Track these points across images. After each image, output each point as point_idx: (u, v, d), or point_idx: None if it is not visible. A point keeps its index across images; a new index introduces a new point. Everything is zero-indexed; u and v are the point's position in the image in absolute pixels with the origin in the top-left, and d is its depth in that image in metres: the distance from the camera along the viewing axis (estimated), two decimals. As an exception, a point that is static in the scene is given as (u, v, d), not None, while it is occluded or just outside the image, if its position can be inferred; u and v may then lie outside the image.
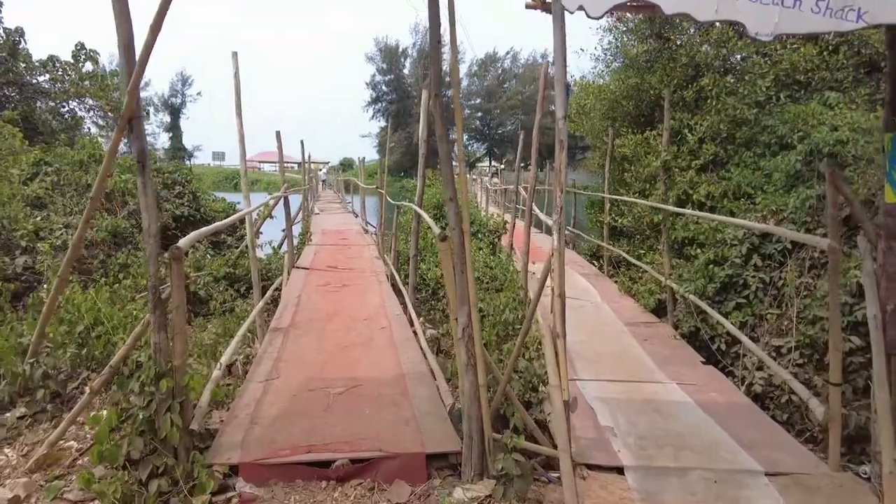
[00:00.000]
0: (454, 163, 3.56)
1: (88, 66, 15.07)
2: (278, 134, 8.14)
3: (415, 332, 5.56)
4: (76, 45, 15.03)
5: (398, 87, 64.06)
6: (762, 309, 4.82)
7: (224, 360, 3.64)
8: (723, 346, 4.91)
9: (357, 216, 19.57)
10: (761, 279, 4.88)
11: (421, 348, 4.87)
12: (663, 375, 4.31)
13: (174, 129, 62.02)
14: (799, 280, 4.58)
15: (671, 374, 4.33)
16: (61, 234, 6.27)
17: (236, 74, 5.27)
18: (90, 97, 14.89)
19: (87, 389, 2.95)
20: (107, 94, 14.97)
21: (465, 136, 72.09)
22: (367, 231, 14.24)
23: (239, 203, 11.74)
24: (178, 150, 61.79)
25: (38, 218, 6.50)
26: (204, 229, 3.31)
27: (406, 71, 64.69)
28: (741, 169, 6.75)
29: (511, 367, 3.20)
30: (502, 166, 47.27)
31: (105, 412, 2.88)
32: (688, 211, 5.63)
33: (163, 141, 64.77)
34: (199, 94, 64.31)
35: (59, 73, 14.96)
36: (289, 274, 8.17)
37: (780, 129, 6.42)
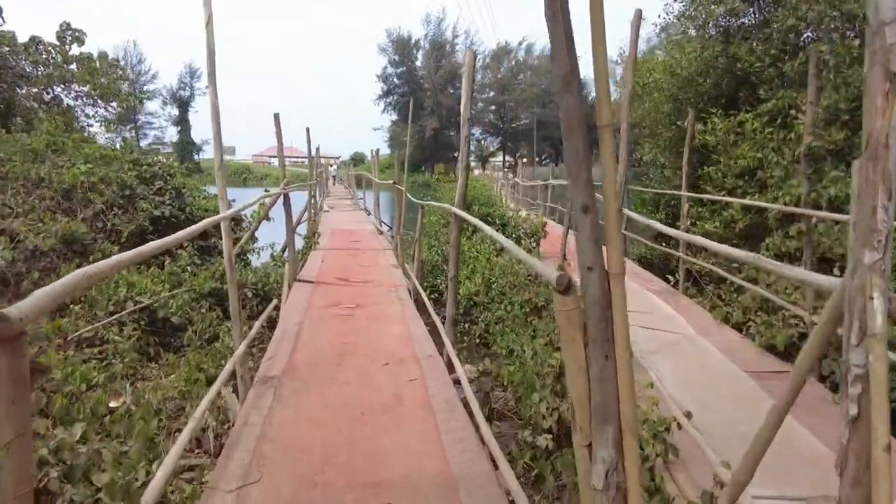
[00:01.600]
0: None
1: (75, 50, 13.68)
2: (276, 117, 6.62)
3: (456, 383, 4.03)
4: (61, 25, 13.60)
5: (410, 79, 62.48)
6: None
7: (152, 495, 2.09)
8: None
9: (370, 213, 18.08)
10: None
11: (474, 423, 3.31)
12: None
13: (182, 122, 60.96)
14: None
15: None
16: (-9, 242, 4.80)
17: (209, 24, 3.74)
18: (76, 82, 13.45)
19: None
20: (94, 78, 13.54)
21: (478, 131, 70.49)
22: (381, 231, 12.72)
23: (234, 200, 10.23)
24: (186, 144, 60.79)
25: (-36, 221, 5.05)
26: (84, 270, 1.74)
27: (418, 63, 63.05)
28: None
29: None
30: (524, 160, 45.58)
31: None
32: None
33: (171, 134, 63.86)
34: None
35: (43, 55, 13.55)
36: (289, 288, 6.67)
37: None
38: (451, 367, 4.31)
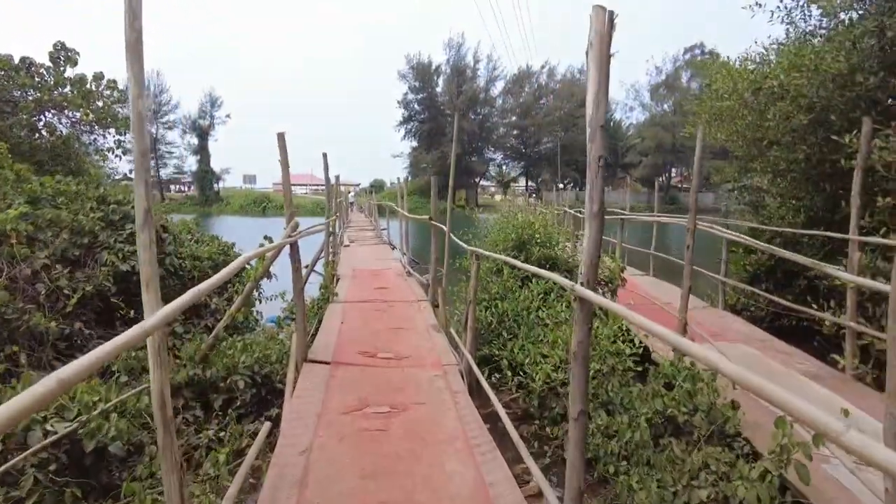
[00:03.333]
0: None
1: (69, 72, 12.30)
2: (280, 137, 4.86)
3: None
4: (55, 46, 12.26)
5: (431, 105, 61.48)
6: None
7: None
8: None
9: (394, 248, 16.30)
10: None
11: None
12: None
13: (202, 151, 60.63)
14: None
15: None
16: None
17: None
18: (69, 106, 12.02)
19: None
20: (88, 102, 12.11)
21: (500, 156, 68.84)
22: (409, 272, 10.85)
23: (238, 248, 8.44)
24: (205, 173, 60.31)
25: None
26: None
27: (439, 89, 62.07)
28: None
29: None
30: (561, 185, 43.71)
31: None
32: None
33: (191, 163, 63.69)
34: (228, 115, 62.90)
35: (36, 79, 12.19)
36: (297, 372, 4.82)
37: None
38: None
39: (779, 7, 6.34)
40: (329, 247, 11.21)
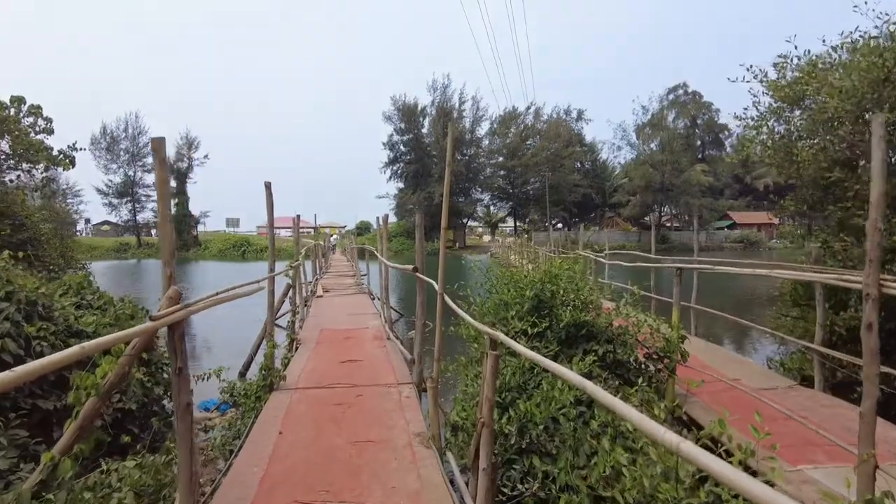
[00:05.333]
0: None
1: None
2: (158, 145, 2.84)
3: None
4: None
5: (417, 146, 60.45)
6: None
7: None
8: None
9: (374, 298, 14.18)
10: None
11: None
12: None
13: (180, 194, 58.54)
14: None
15: None
16: None
17: None
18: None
19: None
20: (2, 130, 10.06)
21: (488, 196, 67.29)
22: (389, 336, 8.68)
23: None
24: (184, 217, 58.06)
25: None
26: None
27: (425, 130, 61.19)
28: None
29: None
30: (560, 224, 41.88)
31: None
32: None
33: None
34: (206, 157, 61.22)
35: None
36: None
37: None
38: None
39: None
40: (288, 303, 9.05)
